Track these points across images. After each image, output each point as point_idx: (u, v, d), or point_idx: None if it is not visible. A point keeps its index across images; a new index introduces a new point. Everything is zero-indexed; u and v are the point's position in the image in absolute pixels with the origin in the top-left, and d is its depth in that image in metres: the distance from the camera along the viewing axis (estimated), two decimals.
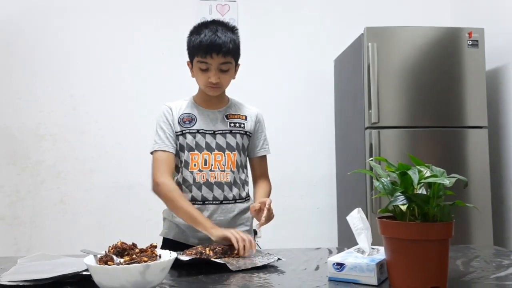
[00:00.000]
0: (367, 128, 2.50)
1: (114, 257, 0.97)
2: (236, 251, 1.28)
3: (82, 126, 3.02)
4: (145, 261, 0.93)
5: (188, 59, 1.54)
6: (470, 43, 2.53)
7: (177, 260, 1.12)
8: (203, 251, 1.24)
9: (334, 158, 3.14)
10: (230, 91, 1.63)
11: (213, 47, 1.42)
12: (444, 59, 2.53)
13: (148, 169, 1.57)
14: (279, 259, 1.23)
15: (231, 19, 3.06)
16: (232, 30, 1.51)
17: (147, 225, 2.83)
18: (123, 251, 0.99)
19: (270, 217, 1.41)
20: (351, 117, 2.77)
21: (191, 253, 1.23)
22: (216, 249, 1.26)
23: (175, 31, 2.91)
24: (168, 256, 1.00)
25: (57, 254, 1.28)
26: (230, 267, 1.13)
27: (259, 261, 1.20)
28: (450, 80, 2.53)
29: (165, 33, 3.07)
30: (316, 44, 3.18)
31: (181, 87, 1.58)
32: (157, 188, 1.47)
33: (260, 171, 1.64)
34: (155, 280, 0.93)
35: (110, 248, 1.00)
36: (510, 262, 1.19)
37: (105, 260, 0.94)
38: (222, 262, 1.16)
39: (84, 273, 0.99)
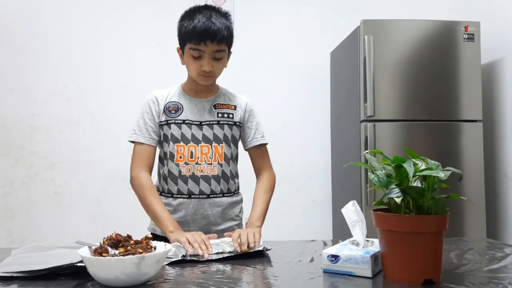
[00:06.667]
0: (362, 121, 2.50)
1: (109, 248, 0.97)
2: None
3: (77, 117, 3.00)
4: (140, 253, 0.93)
5: (178, 45, 1.47)
6: (466, 37, 2.53)
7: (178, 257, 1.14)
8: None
9: (330, 151, 3.14)
10: (225, 83, 1.61)
11: (208, 33, 1.34)
12: (440, 53, 2.53)
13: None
14: (266, 249, 1.24)
15: (227, 10, 3.03)
16: (226, 16, 1.44)
17: (142, 217, 2.81)
18: (118, 242, 0.99)
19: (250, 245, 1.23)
20: (347, 110, 2.76)
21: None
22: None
23: (170, 22, 2.87)
24: (163, 248, 1.00)
25: (51, 245, 1.28)
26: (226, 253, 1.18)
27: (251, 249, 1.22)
28: (446, 73, 2.53)
29: (160, 24, 3.05)
30: (312, 36, 3.17)
31: (176, 78, 1.56)
32: (131, 182, 1.43)
33: (259, 163, 1.54)
34: (150, 271, 0.93)
35: (105, 239, 1.00)
36: (503, 255, 1.19)
37: (99, 251, 0.94)
38: (220, 256, 1.18)
39: (79, 264, 0.99)
